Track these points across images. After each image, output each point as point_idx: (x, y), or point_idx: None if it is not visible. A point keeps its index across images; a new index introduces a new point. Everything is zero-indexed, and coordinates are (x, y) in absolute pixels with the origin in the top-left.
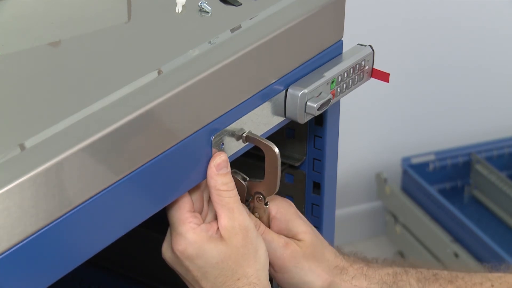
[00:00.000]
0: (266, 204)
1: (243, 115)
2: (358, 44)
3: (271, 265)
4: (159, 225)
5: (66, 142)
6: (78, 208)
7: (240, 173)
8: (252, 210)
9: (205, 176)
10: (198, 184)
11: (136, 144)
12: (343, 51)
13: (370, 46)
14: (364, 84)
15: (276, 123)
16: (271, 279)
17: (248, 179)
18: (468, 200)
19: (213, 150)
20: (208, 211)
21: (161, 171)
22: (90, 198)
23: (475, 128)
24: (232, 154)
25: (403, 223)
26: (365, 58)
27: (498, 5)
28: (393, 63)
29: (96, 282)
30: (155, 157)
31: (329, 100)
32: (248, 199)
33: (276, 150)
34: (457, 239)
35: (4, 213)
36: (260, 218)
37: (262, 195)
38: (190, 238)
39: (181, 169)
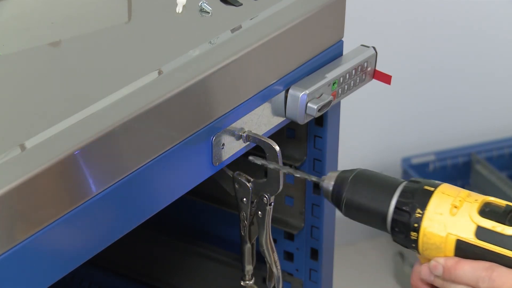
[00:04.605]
0: (270, 204)
1: (244, 115)
2: (361, 45)
3: None
4: (159, 225)
5: (66, 142)
6: (78, 208)
7: (244, 175)
8: (256, 211)
9: (204, 177)
10: None
11: (136, 144)
12: (346, 52)
13: (374, 47)
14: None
15: (276, 124)
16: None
17: (252, 180)
18: None
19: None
20: None
21: (162, 171)
22: (90, 198)
23: (475, 128)
24: (233, 154)
25: None
26: (367, 60)
27: (498, 6)
28: (393, 63)
29: (96, 282)
30: (155, 157)
31: (330, 101)
32: (253, 200)
33: (277, 147)
34: None
35: (4, 213)
36: (263, 219)
37: (267, 195)
38: None
39: (181, 170)
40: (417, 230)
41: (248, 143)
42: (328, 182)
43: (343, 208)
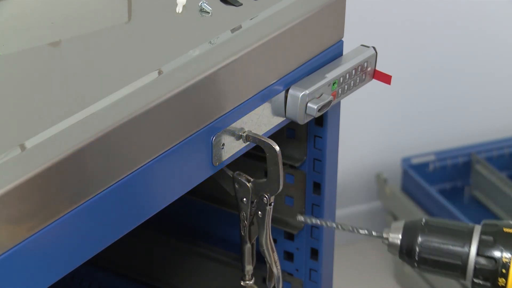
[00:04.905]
0: (270, 204)
1: (244, 115)
2: (361, 45)
3: None
4: (159, 225)
5: (66, 142)
6: (78, 208)
7: (244, 175)
8: (256, 211)
9: (204, 177)
10: None
11: (136, 144)
12: (346, 52)
13: (374, 47)
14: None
15: (276, 124)
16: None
17: (252, 180)
18: (468, 201)
19: None
20: None
21: (162, 171)
22: (90, 198)
23: (475, 128)
24: (233, 154)
25: None
26: (367, 60)
27: (498, 6)
28: (393, 63)
29: (96, 281)
30: (155, 158)
31: (330, 101)
32: (253, 200)
33: (277, 147)
34: None
35: (4, 213)
36: (263, 219)
37: (267, 195)
38: None
39: (181, 170)
40: (505, 276)
41: (248, 143)
42: (395, 236)
43: (416, 262)
